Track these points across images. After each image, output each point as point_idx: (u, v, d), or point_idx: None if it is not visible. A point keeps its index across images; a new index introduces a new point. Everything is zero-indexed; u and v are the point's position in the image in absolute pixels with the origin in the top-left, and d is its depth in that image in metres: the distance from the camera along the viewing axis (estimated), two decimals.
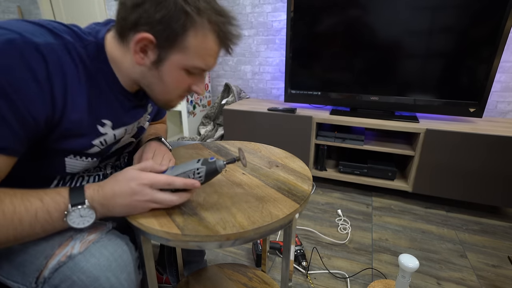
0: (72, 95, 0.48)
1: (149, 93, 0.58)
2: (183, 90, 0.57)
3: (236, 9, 2.13)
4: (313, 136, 1.65)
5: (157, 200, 0.48)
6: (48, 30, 0.46)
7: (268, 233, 0.50)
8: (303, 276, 1.07)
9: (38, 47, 0.43)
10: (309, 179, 0.63)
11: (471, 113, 1.44)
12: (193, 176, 0.50)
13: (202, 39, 0.50)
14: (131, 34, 0.49)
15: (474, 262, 1.15)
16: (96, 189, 0.47)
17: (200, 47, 0.51)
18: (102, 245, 0.47)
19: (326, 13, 1.55)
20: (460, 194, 1.43)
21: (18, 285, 0.47)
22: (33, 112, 0.43)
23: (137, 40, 0.48)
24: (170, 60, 0.51)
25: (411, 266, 0.82)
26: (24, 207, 0.42)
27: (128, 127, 0.62)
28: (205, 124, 2.33)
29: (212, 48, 0.53)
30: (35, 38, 0.43)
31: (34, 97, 0.43)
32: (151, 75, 0.53)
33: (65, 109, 0.47)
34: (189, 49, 0.51)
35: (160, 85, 0.55)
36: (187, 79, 0.55)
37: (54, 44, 0.45)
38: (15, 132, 0.42)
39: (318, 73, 1.68)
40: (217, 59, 0.57)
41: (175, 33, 0.48)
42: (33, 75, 0.42)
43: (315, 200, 1.61)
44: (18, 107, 0.41)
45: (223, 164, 0.51)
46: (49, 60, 0.44)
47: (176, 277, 0.94)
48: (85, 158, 0.56)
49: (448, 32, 1.37)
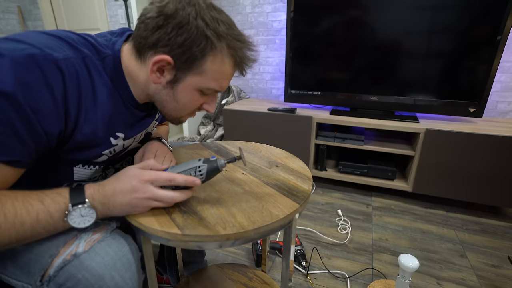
0: (86, 109, 0.49)
1: (161, 109, 0.59)
2: (195, 109, 0.59)
3: (236, 9, 2.13)
4: (313, 136, 1.65)
5: (158, 197, 0.48)
6: (66, 43, 0.47)
7: (268, 233, 0.50)
8: (303, 276, 1.07)
9: (58, 63, 0.43)
10: (309, 179, 0.63)
11: (471, 113, 1.44)
12: (195, 174, 0.50)
13: (220, 63, 0.52)
14: (150, 53, 0.50)
15: (474, 262, 1.15)
16: (96, 188, 0.47)
17: (217, 71, 0.53)
18: (107, 244, 0.47)
19: (326, 13, 1.55)
20: (460, 194, 1.43)
21: (23, 284, 0.47)
22: (47, 127, 0.44)
23: (156, 61, 0.49)
24: (186, 81, 0.53)
25: (411, 266, 0.82)
26: (26, 209, 0.42)
27: (137, 136, 0.64)
28: (205, 124, 2.33)
29: (228, 71, 0.54)
30: (55, 53, 0.44)
31: (49, 114, 0.43)
32: (165, 93, 0.55)
33: (78, 122, 0.48)
34: (206, 73, 0.52)
35: (173, 104, 0.56)
36: (200, 99, 0.57)
37: (73, 58, 0.46)
38: (28, 146, 0.43)
39: (318, 73, 1.68)
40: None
41: (194, 57, 0.50)
42: (51, 91, 0.43)
43: (315, 200, 1.61)
44: (33, 122, 0.42)
45: (224, 163, 0.51)
46: (67, 75, 0.44)
47: (176, 277, 0.94)
48: (93, 166, 0.58)
49: (448, 32, 1.37)
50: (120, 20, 2.62)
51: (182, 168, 0.51)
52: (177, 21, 0.48)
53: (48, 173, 0.53)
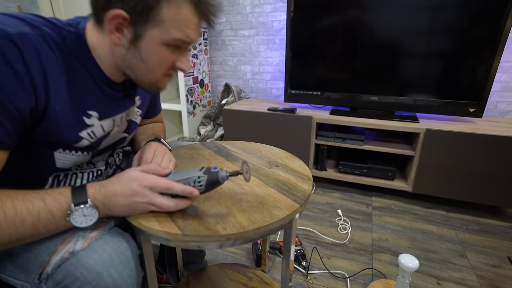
0: (54, 85, 0.47)
1: (133, 77, 0.56)
2: (167, 68, 0.55)
3: (236, 9, 2.13)
4: (313, 136, 1.65)
5: (156, 203, 0.48)
6: (23, 21, 0.45)
7: (268, 233, 0.50)
8: (303, 276, 1.07)
9: (11, 37, 0.41)
10: (309, 179, 0.63)
11: (471, 113, 1.44)
12: (193, 184, 0.49)
13: (177, 9, 0.48)
14: (105, 14, 0.47)
15: (474, 262, 1.15)
16: (98, 189, 0.47)
17: (176, 18, 0.48)
18: (104, 241, 0.47)
19: (326, 13, 1.55)
20: (460, 194, 1.43)
21: (21, 282, 0.48)
22: (17, 104, 0.42)
23: (110, 17, 0.47)
24: (147, 36, 0.49)
25: (411, 266, 0.82)
26: (26, 208, 0.42)
27: (116, 119, 0.61)
28: (205, 124, 2.33)
29: (190, 18, 0.50)
30: (8, 28, 0.42)
31: (15, 89, 0.42)
32: (131, 55, 0.51)
33: (49, 99, 0.47)
34: (165, 22, 0.48)
35: (142, 65, 0.52)
36: (170, 55, 0.52)
37: (29, 34, 0.44)
38: (5, 126, 0.42)
39: (318, 73, 1.68)
40: (199, 31, 0.54)
41: (148, 6, 0.46)
42: (11, 67, 0.41)
43: (315, 200, 1.61)
44: (2, 101, 0.41)
45: (225, 176, 0.49)
46: (24, 49, 0.42)
47: (176, 277, 0.94)
48: (75, 152, 0.56)
49: (448, 32, 1.37)
50: None
51: (183, 177, 0.50)
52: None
53: (27, 159, 0.52)
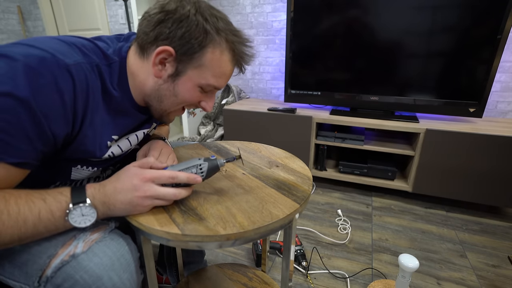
0: (92, 112, 0.50)
1: (154, 105, 0.59)
2: (192, 104, 0.60)
3: (236, 9, 2.13)
4: (313, 136, 1.65)
5: (161, 195, 0.48)
6: (76, 47, 0.48)
7: (268, 233, 0.50)
8: (303, 276, 1.07)
9: (69, 68, 0.45)
10: (309, 179, 0.63)
11: (471, 113, 1.44)
12: (196, 171, 0.52)
13: (219, 56, 0.53)
14: (152, 48, 0.52)
15: (474, 262, 1.15)
16: (97, 188, 0.47)
17: (216, 65, 0.54)
18: (105, 244, 0.47)
19: (326, 13, 1.55)
20: (460, 194, 1.43)
21: (21, 284, 0.47)
22: (55, 130, 0.45)
23: (158, 52, 0.51)
24: (186, 75, 0.54)
25: (411, 266, 0.82)
26: (28, 207, 0.42)
27: (133, 139, 0.64)
28: (205, 124, 2.34)
29: (227, 66, 0.56)
30: (66, 58, 0.45)
31: (58, 117, 0.44)
32: (165, 88, 0.55)
33: (83, 124, 0.49)
34: (206, 67, 0.53)
35: (172, 98, 0.57)
36: (200, 95, 0.58)
37: (83, 64, 0.47)
38: (36, 148, 0.44)
39: (318, 73, 1.68)
40: (229, 78, 0.60)
41: (194, 49, 0.51)
42: (61, 96, 0.44)
43: (315, 200, 1.61)
44: (43, 126, 0.43)
45: (223, 162, 0.54)
46: (77, 80, 0.46)
47: (176, 277, 0.94)
48: (92, 168, 0.58)
49: (448, 32, 1.37)
50: (120, 20, 2.62)
51: (183, 166, 0.52)
52: (177, 16, 0.50)
53: (43, 170, 0.53)
